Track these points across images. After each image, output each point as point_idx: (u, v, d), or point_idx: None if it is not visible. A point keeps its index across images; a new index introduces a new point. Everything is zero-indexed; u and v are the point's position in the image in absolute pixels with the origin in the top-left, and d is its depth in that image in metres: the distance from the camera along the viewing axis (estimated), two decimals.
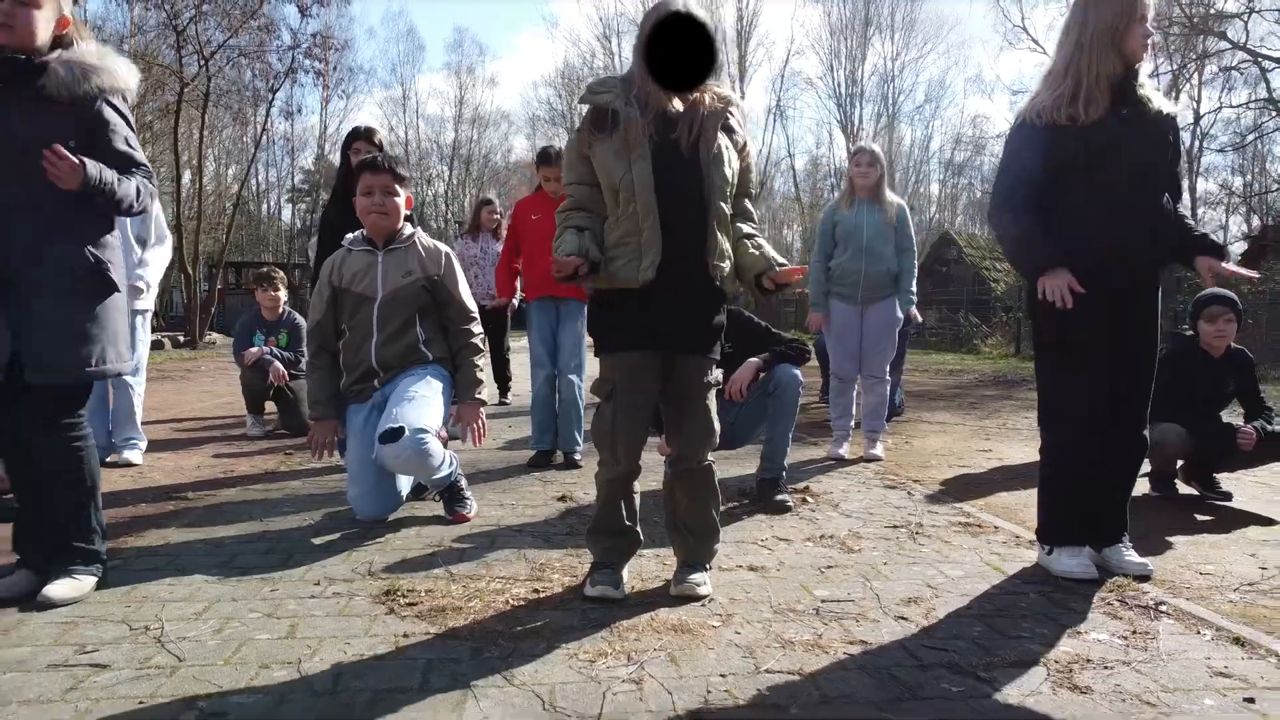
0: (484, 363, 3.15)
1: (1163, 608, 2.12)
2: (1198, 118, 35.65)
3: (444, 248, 3.04)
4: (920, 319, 5.04)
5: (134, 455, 4.07)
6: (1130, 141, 2.36)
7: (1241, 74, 32.66)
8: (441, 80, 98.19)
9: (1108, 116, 2.36)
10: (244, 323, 5.46)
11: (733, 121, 2.17)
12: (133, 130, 2.21)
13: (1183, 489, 3.61)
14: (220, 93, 18.35)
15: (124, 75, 2.17)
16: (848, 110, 50.41)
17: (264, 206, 46.06)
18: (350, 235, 3.07)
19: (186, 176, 23.36)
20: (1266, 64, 28.89)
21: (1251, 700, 1.62)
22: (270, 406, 5.30)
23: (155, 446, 4.47)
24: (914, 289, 4.38)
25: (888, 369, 4.40)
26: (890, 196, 4.30)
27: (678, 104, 2.13)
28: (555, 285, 3.29)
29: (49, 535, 2.15)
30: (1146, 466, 3.09)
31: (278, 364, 5.08)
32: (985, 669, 1.76)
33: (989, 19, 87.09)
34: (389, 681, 1.68)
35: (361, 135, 3.98)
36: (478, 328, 3.06)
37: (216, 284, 31.07)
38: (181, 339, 18.44)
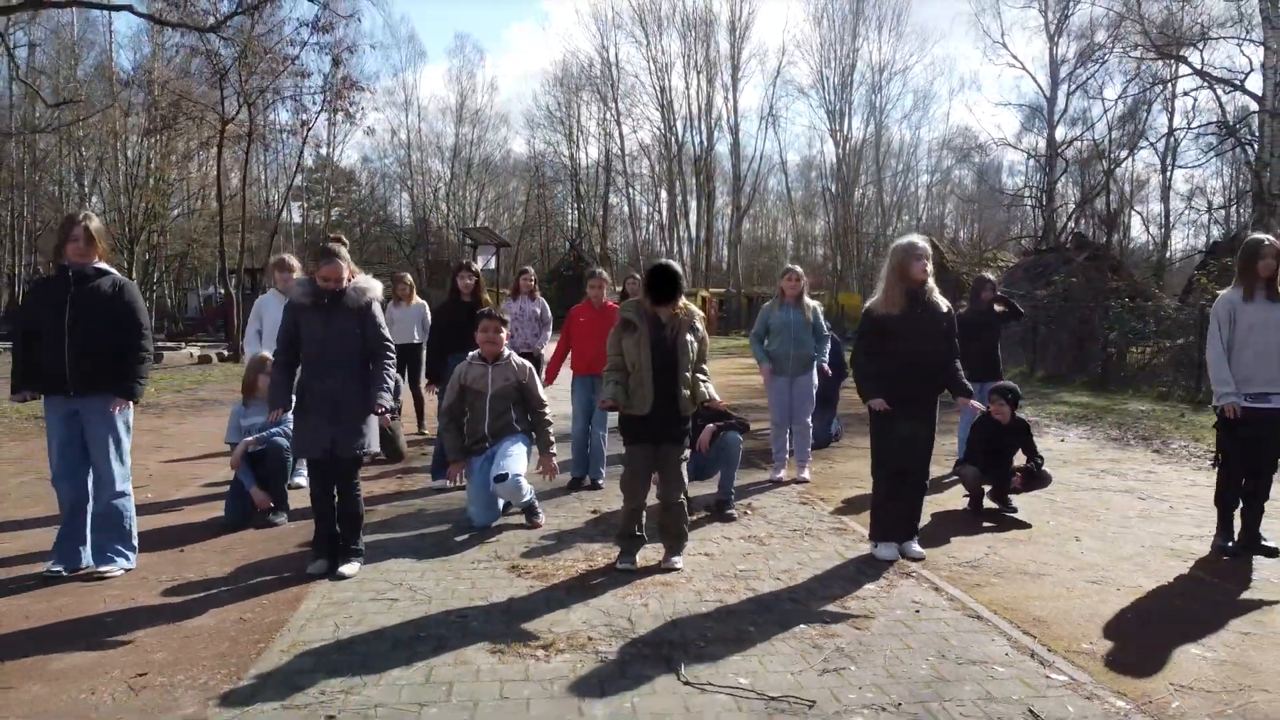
0: (552, 431, 5.09)
1: (911, 574, 4.11)
2: (1170, 132, 37.61)
3: (529, 365, 5.01)
4: (830, 373, 6.95)
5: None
6: (917, 326, 4.32)
7: (1195, 100, 34.54)
8: (441, 84, 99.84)
9: (903, 313, 4.32)
10: None
11: (696, 323, 4.15)
12: (382, 319, 4.16)
13: (989, 504, 5.60)
14: (259, 130, 20.22)
15: (378, 290, 4.14)
16: (837, 119, 52.17)
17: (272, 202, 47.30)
18: (471, 354, 5.04)
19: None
20: (1221, 88, 30.85)
21: (918, 612, 3.61)
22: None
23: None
24: (826, 355, 6.36)
25: (809, 417, 6.39)
26: (808, 301, 6.30)
27: (664, 314, 4.11)
28: (593, 366, 5.31)
29: (340, 538, 4.12)
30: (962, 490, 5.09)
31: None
32: (810, 599, 3.74)
33: (970, 35, 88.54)
34: (527, 605, 3.66)
35: (464, 267, 6.00)
36: (548, 412, 5.03)
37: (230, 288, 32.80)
38: (225, 353, 20.28)
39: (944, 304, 4.41)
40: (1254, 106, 27.97)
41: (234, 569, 4.18)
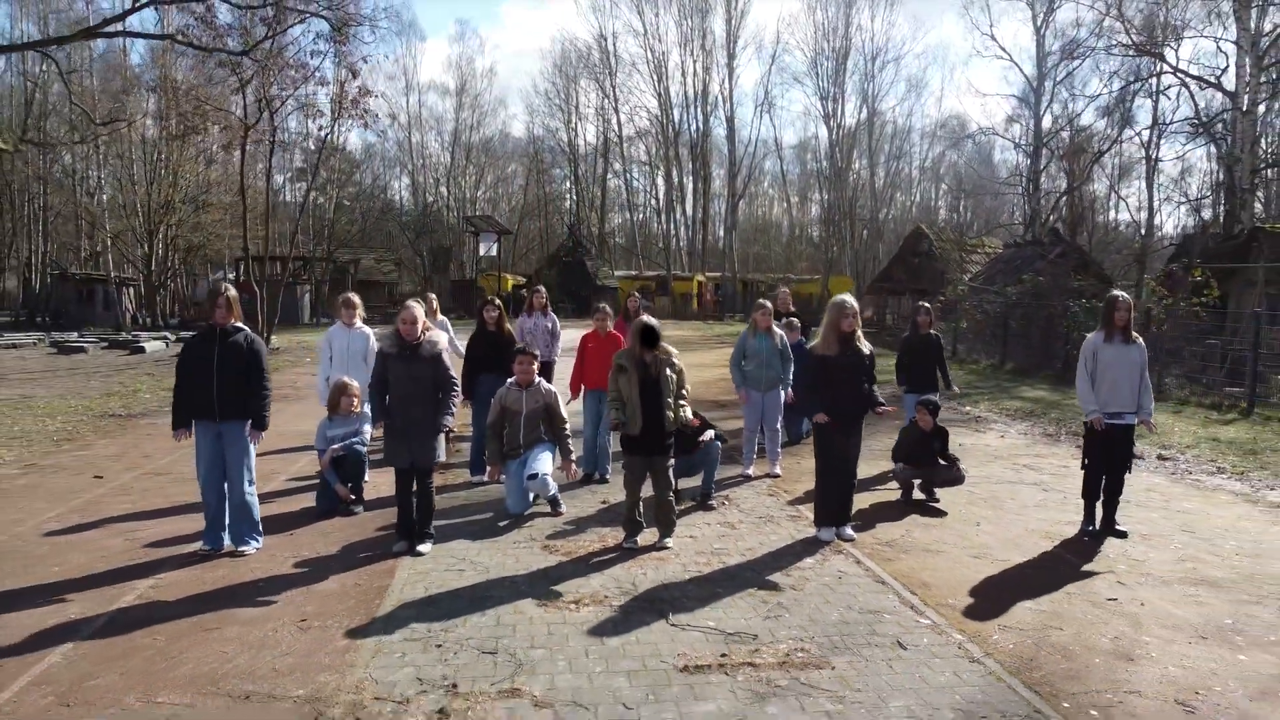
0: (570, 441, 6.47)
1: (841, 551, 5.53)
2: (1154, 124, 38.72)
3: (554, 391, 6.39)
4: (793, 399, 8.24)
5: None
6: (847, 364, 5.70)
7: (1170, 97, 35.75)
8: (440, 69, 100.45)
9: (838, 354, 5.70)
10: None
11: (673, 360, 5.53)
12: (451, 365, 5.53)
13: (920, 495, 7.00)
14: (275, 135, 21.43)
15: (445, 341, 5.51)
16: (831, 104, 53.12)
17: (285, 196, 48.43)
18: (510, 380, 6.40)
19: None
20: (1197, 84, 32.00)
21: (840, 578, 5.02)
22: None
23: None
24: (790, 378, 7.71)
25: (778, 423, 7.77)
26: (777, 330, 7.66)
27: (649, 356, 5.48)
28: (600, 382, 6.70)
29: (417, 525, 5.52)
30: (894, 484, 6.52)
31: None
32: (764, 570, 5.15)
33: (960, 26, 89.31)
34: (559, 573, 5.06)
35: (488, 302, 7.33)
36: (568, 427, 6.41)
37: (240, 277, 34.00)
38: None
39: (866, 346, 5.80)
40: (1231, 104, 29.25)
41: (337, 548, 5.59)
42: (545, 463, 6.20)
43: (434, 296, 10.07)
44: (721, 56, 52.73)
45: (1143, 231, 44.08)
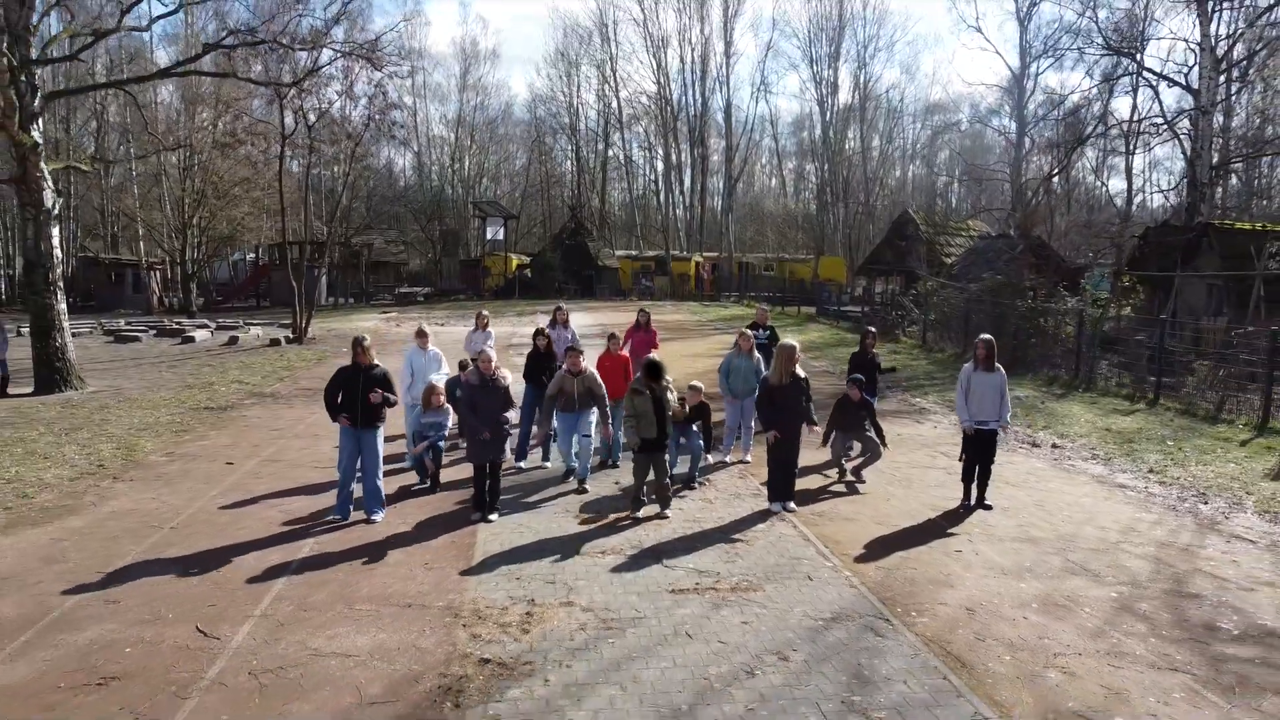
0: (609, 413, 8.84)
1: (784, 520, 7.92)
2: (1131, 119, 40.66)
3: (597, 376, 8.72)
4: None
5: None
6: (791, 390, 8.05)
7: (1145, 93, 37.62)
8: (445, 51, 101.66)
9: (785, 385, 8.05)
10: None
11: (669, 385, 7.89)
12: (511, 392, 7.88)
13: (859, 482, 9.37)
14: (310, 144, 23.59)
15: (509, 375, 7.87)
16: (825, 88, 54.90)
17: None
18: (565, 367, 8.72)
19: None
20: (1163, 84, 33.97)
21: (780, 538, 7.42)
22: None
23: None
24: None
25: (753, 421, 10.13)
26: (757, 355, 9.98)
27: (655, 387, 7.83)
28: (613, 393, 9.06)
29: (488, 499, 7.91)
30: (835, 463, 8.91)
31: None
32: (729, 531, 7.54)
33: (949, 18, 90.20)
34: (590, 535, 7.46)
35: (539, 333, 9.71)
36: (606, 400, 8.74)
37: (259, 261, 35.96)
38: (290, 336, 23.83)
39: (803, 373, 8.14)
40: (1195, 103, 31.25)
41: (431, 515, 7.97)
42: (591, 425, 8.70)
43: (487, 314, 12.32)
44: (719, 44, 54.36)
45: (1120, 219, 46.20)
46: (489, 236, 48.43)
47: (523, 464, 9.66)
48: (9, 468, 9.64)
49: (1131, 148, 42.35)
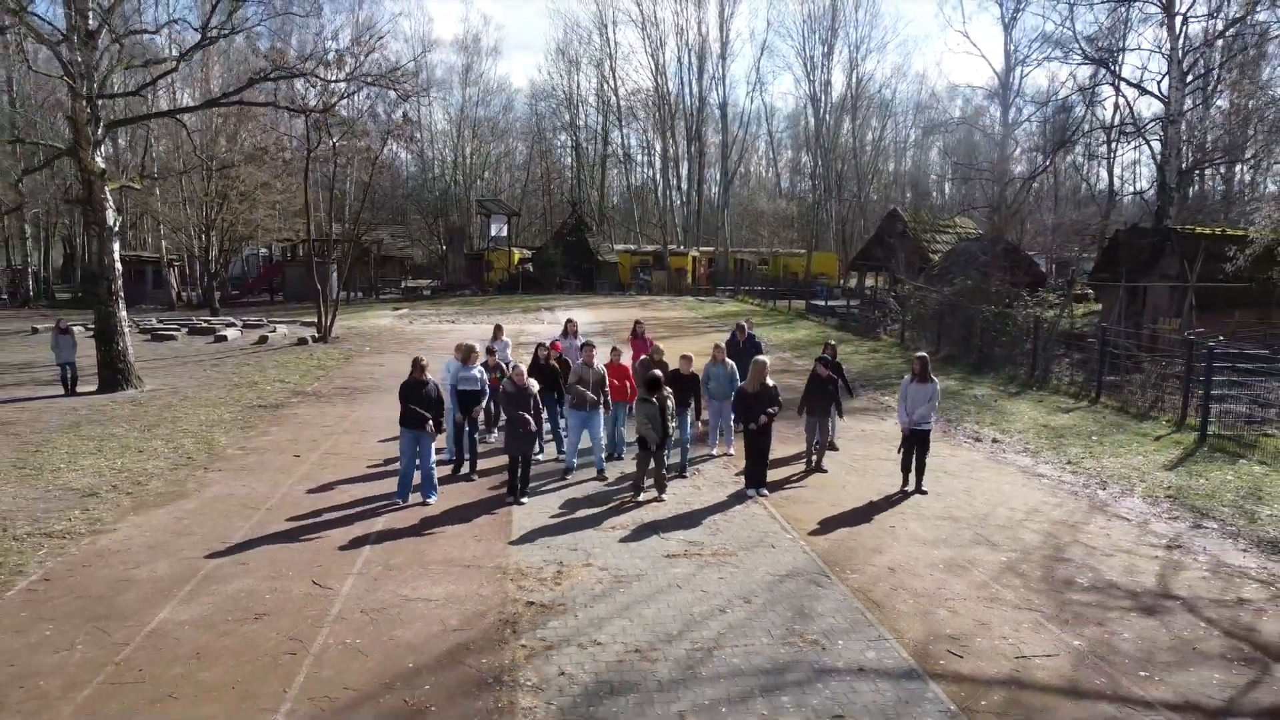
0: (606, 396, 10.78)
1: (757, 501, 9.86)
2: (1110, 126, 42.47)
3: (603, 368, 10.65)
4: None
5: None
6: (762, 396, 9.98)
7: (1127, 99, 39.36)
8: (449, 50, 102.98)
9: (757, 391, 9.97)
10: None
11: (668, 397, 9.81)
12: (538, 400, 9.81)
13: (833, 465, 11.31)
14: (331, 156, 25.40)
15: (535, 385, 9.80)
16: (819, 86, 56.60)
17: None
18: (581, 360, 10.65)
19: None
20: (1135, 92, 35.80)
21: (753, 516, 9.36)
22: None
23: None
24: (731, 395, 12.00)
25: (731, 419, 12.04)
26: (729, 362, 11.88)
27: (657, 396, 9.75)
28: (617, 397, 10.98)
29: (520, 485, 9.84)
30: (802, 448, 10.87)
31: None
32: (712, 511, 9.48)
33: (936, 23, 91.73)
34: (603, 515, 9.40)
35: (541, 345, 11.61)
36: (607, 386, 10.68)
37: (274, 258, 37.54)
38: (315, 335, 25.64)
39: (771, 382, 10.05)
40: (1165, 110, 33.05)
41: (473, 500, 9.89)
42: (600, 426, 10.70)
43: (502, 327, 14.25)
44: (715, 46, 55.97)
45: (1103, 216, 48.07)
46: (493, 233, 50.17)
47: (540, 455, 11.59)
48: (115, 460, 11.56)
49: (1112, 151, 44.32)
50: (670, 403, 9.89)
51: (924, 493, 10.33)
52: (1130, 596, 7.39)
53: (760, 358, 10.17)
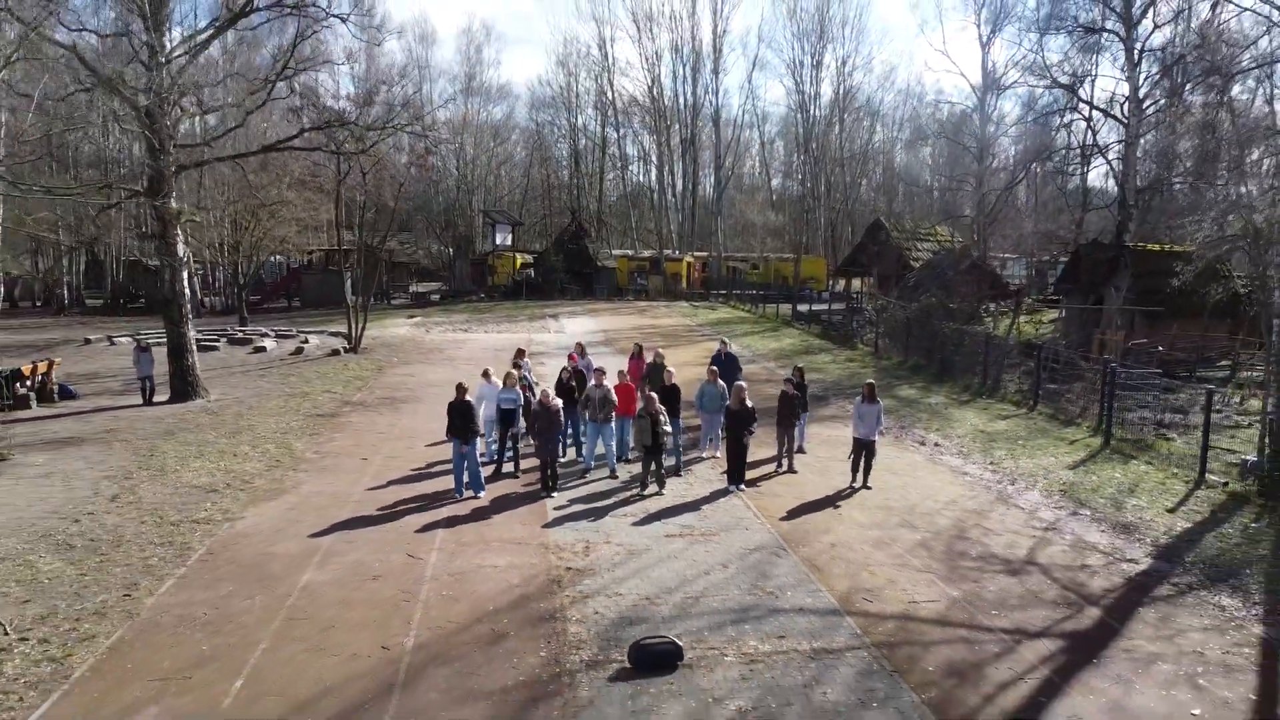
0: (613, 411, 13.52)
1: (736, 495, 12.61)
2: (1081, 145, 45.10)
3: (612, 392, 13.36)
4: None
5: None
6: (741, 413, 12.72)
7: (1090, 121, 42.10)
8: (452, 59, 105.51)
9: (739, 408, 12.71)
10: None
11: (661, 412, 12.54)
12: (561, 415, 12.54)
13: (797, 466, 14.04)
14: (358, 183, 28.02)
15: (559, 402, 12.54)
16: (808, 101, 59.24)
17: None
18: (592, 383, 13.38)
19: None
20: (1099, 115, 38.52)
21: (732, 507, 12.10)
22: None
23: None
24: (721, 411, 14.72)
25: (719, 428, 14.76)
26: (720, 383, 14.60)
27: (650, 407, 12.48)
28: (624, 411, 13.73)
29: (551, 482, 12.56)
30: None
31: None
32: (700, 503, 12.22)
33: (919, 43, 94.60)
34: (614, 504, 12.13)
35: (566, 368, 14.36)
36: (613, 403, 13.41)
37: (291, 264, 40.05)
38: (346, 346, 28.19)
39: (749, 402, 12.79)
40: (1124, 133, 35.74)
41: (514, 493, 12.60)
42: (612, 434, 13.33)
43: (524, 350, 16.95)
44: (708, 62, 58.59)
45: (1075, 225, 50.83)
46: (498, 241, 52.79)
47: (563, 458, 14.30)
48: (218, 462, 14.25)
49: (1083, 167, 47.09)
50: (663, 418, 12.58)
51: (869, 488, 13.07)
52: (1004, 564, 10.15)
53: (740, 383, 12.92)
